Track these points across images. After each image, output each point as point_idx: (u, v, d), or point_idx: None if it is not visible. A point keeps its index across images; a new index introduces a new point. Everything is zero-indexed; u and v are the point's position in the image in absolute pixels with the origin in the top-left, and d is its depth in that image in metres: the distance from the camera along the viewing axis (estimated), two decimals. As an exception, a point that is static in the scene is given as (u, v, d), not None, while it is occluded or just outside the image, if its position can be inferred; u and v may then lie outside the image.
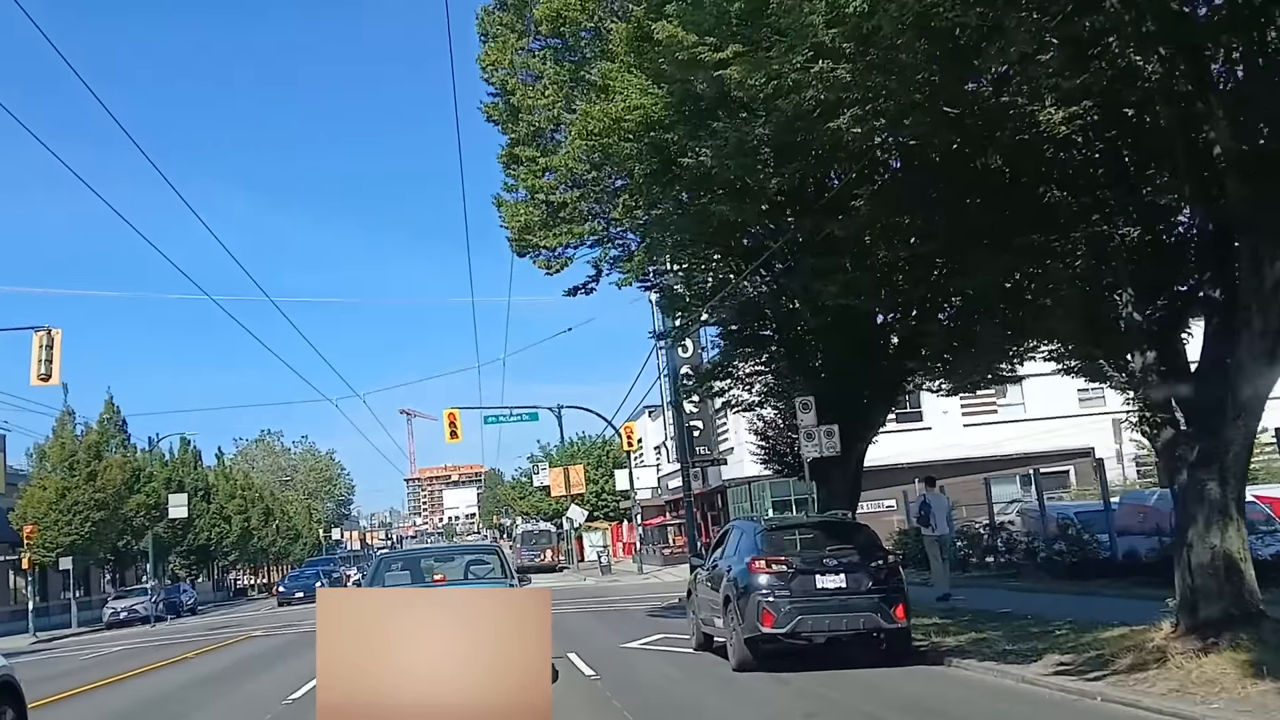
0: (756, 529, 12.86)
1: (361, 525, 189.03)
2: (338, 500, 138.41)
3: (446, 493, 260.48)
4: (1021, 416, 45.06)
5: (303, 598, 46.90)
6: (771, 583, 11.68)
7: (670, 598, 28.10)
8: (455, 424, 43.59)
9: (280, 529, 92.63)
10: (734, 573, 12.35)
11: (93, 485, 45.76)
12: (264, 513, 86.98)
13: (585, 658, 14.93)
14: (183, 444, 70.82)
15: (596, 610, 25.97)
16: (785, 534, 12.58)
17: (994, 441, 44.11)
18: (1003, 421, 44.78)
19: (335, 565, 58.99)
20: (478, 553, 16.22)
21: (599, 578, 47.56)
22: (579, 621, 22.64)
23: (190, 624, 38.80)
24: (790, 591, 11.60)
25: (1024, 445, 43.86)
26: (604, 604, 28.31)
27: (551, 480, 62.06)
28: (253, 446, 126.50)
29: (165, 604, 47.40)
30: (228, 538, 72.31)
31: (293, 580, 52.60)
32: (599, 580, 45.85)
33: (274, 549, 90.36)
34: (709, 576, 13.85)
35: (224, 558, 77.17)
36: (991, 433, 44.50)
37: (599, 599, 31.21)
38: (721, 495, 50.79)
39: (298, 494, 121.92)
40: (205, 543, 68.98)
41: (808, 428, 18.26)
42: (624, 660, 14.92)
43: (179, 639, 29.01)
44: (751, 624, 11.63)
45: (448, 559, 15.85)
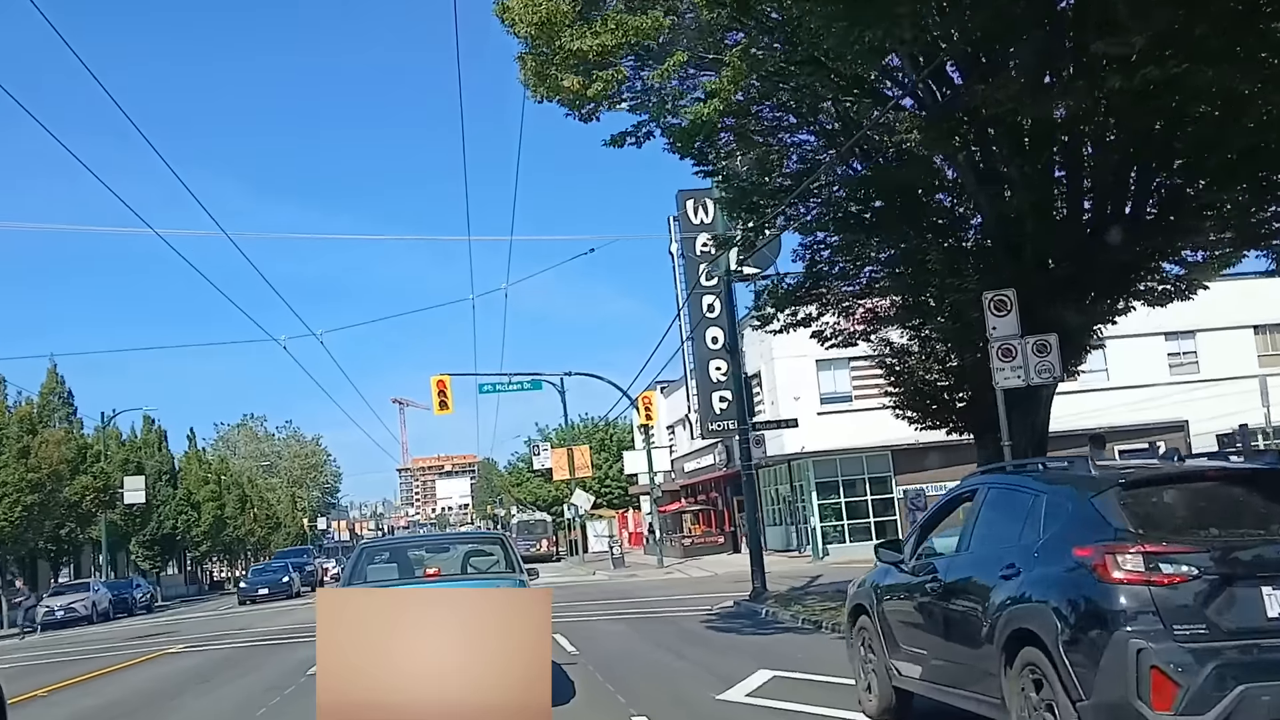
0: (1085, 485, 5.93)
1: (351, 515, 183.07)
2: (324, 488, 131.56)
3: (439, 483, 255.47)
4: (1104, 385, 38.77)
5: (267, 595, 40.44)
6: (1166, 605, 5.09)
7: (716, 597, 21.87)
8: (445, 393, 37.21)
9: (259, 518, 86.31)
10: (1031, 580, 5.83)
11: (24, 464, 39.31)
12: (240, 500, 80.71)
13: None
14: (146, 422, 64.37)
15: (630, 618, 19.65)
16: (1163, 494, 5.63)
17: (1074, 413, 37.89)
18: (1083, 390, 38.45)
19: (309, 557, 51.97)
20: (478, 542, 14.56)
21: (611, 571, 41.21)
22: (615, 639, 16.29)
23: (116, 629, 32.16)
24: (1209, 626, 5.01)
25: (1106, 418, 37.70)
26: (634, 608, 22.03)
27: (553, 462, 55.62)
28: (234, 431, 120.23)
29: (114, 601, 40.80)
30: (197, 527, 65.86)
31: (256, 575, 45.18)
32: (611, 575, 39.51)
33: (253, 539, 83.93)
34: (920, 585, 7.33)
35: (194, 549, 70.65)
36: (1070, 403, 38.16)
37: (624, 600, 24.91)
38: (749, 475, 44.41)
39: (281, 481, 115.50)
40: (170, 532, 62.51)
41: (1004, 340, 11.95)
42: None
43: (69, 656, 22.53)
44: (1117, 699, 5.08)
45: (441, 550, 14.33)
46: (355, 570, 11.67)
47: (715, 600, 22.20)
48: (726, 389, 40.51)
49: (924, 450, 37.00)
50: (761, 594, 19.34)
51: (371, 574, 11.75)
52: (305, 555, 53.39)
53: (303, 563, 49.04)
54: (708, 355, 40.35)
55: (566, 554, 72.79)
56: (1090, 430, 38.52)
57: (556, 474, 56.85)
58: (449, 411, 37.45)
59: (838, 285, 16.13)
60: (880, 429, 35.99)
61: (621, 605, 23.34)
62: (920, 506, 21.04)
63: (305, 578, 45.26)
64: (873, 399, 33.49)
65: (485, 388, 40.07)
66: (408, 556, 12.63)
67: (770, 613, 17.60)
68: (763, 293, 16.67)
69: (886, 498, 37.19)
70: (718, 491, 49.70)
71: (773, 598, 19.03)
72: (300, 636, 20.15)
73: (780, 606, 17.82)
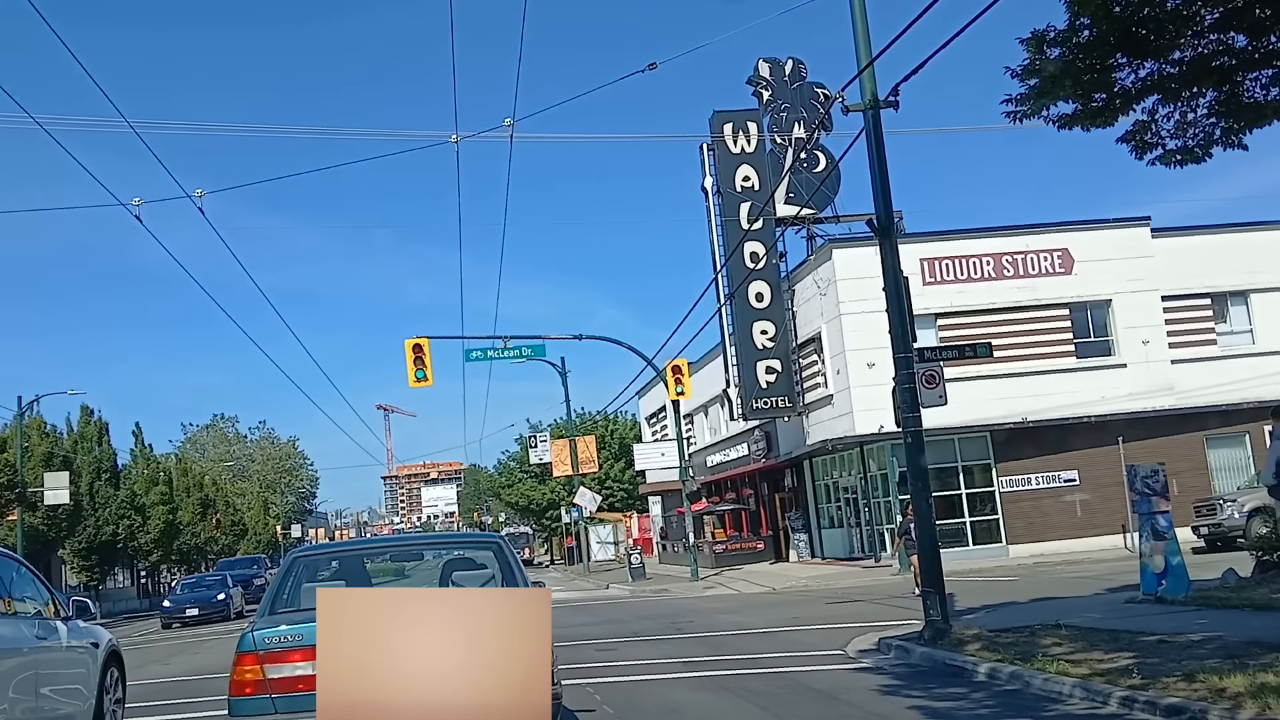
0: None
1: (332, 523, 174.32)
2: (300, 493, 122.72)
3: (425, 490, 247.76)
4: (1249, 349, 31.04)
5: (197, 616, 32.16)
6: None
7: (825, 630, 14.04)
8: (424, 357, 29.20)
9: (223, 524, 77.88)
10: None
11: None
12: (202, 504, 72.41)
13: None
14: (84, 414, 55.91)
15: (720, 677, 11.61)
16: None
17: (1211, 385, 30.17)
18: (1223, 357, 30.76)
19: (260, 569, 43.09)
20: (465, 547, 10.32)
21: (631, 585, 33.18)
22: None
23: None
24: None
25: (1255, 391, 29.96)
26: (705, 649, 14.10)
27: (553, 455, 47.55)
28: (203, 433, 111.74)
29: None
30: (144, 533, 57.52)
31: (186, 590, 35.83)
32: (634, 590, 31.49)
33: (215, 547, 75.42)
34: None
35: (144, 557, 62.21)
36: (1208, 372, 30.46)
37: (678, 634, 17.02)
38: (795, 470, 36.49)
39: (253, 485, 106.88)
40: (111, 539, 54.11)
41: None
42: None
43: None
44: None
45: (412, 558, 12.57)
46: (279, 595, 7.93)
47: (825, 634, 14.31)
48: (774, 357, 32.68)
49: (1032, 431, 29.19)
50: (945, 633, 11.35)
51: (308, 599, 7.83)
52: (255, 566, 44.46)
53: (250, 575, 40.16)
54: (751, 316, 32.45)
55: (564, 562, 64.92)
56: (1232, 405, 30.89)
57: (557, 469, 48.77)
58: (428, 384, 29.42)
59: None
60: (977, 405, 28.17)
61: (679, 642, 15.35)
62: (1157, 490, 13.05)
63: (254, 592, 36.82)
64: (966, 366, 25.64)
65: (474, 354, 31.83)
66: (363, 570, 9.72)
67: (994, 671, 9.68)
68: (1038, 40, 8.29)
69: (985, 491, 29.29)
70: (752, 488, 41.66)
71: (974, 640, 11.04)
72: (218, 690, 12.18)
73: (1005, 658, 9.89)
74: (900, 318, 12.20)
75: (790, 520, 36.46)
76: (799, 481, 36.25)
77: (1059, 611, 12.84)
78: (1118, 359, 30.00)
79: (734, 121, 32.50)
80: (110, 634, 10.55)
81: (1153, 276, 30.16)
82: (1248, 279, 31.00)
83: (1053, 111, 8.42)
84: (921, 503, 12.19)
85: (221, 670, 16.29)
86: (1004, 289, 29.90)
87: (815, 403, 31.93)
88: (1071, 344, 30.08)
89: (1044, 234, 30.36)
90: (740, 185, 32.36)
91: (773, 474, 38.72)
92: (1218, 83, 7.93)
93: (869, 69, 12.16)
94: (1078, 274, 29.97)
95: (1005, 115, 8.57)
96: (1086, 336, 30.24)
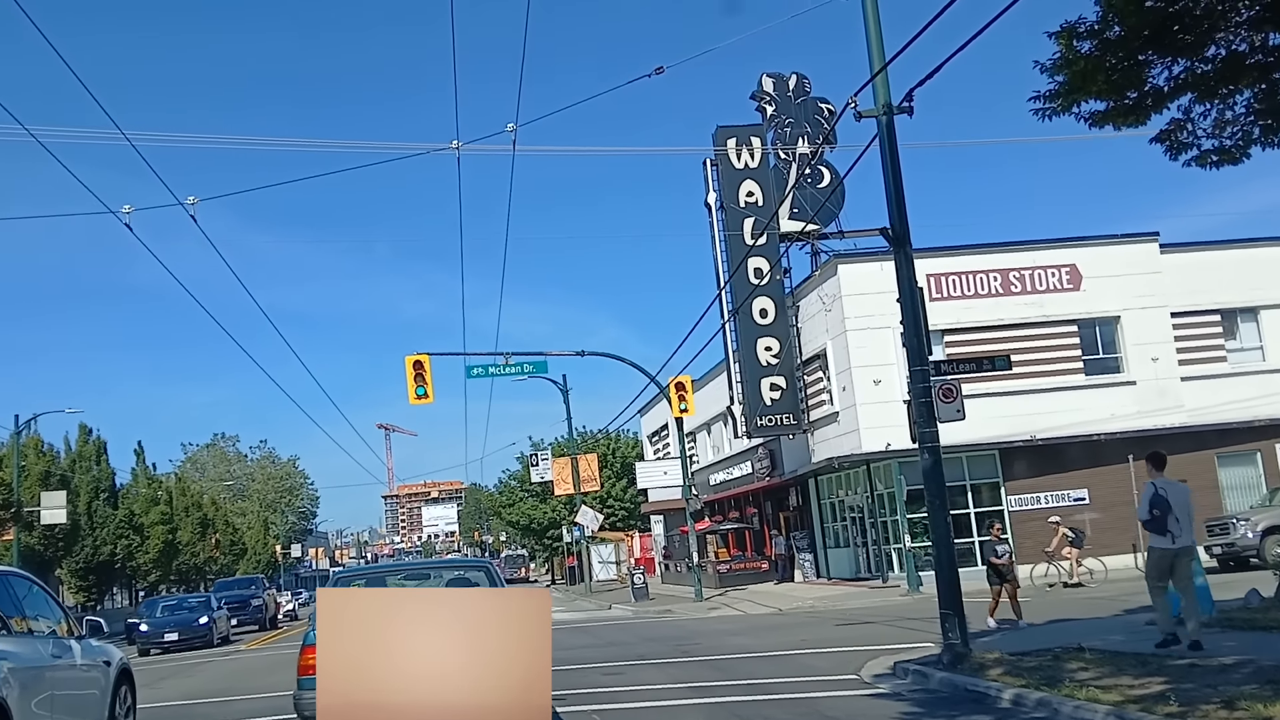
0: None
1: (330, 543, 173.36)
2: (300, 512, 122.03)
3: (425, 509, 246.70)
4: (1259, 366, 30.69)
5: (176, 641, 30.18)
6: None
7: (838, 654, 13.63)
8: (424, 374, 28.83)
9: (221, 544, 77.36)
10: None
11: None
12: (201, 524, 71.91)
13: None
14: (82, 432, 55.50)
15: (729, 704, 11.21)
16: None
17: (1221, 403, 29.78)
18: (1233, 374, 30.40)
19: (258, 589, 41.80)
20: (463, 569, 12.33)
21: (634, 605, 32.73)
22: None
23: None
24: None
25: (1266, 408, 29.67)
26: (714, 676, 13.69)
27: (555, 474, 47.14)
28: (203, 452, 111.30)
29: None
30: (142, 553, 57.05)
31: (166, 613, 32.36)
32: (637, 610, 31.04)
33: (214, 567, 74.86)
34: None
35: (142, 578, 61.68)
36: (1218, 389, 30.06)
37: (685, 658, 16.59)
38: (800, 488, 36.06)
39: (253, 504, 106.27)
40: (109, 559, 53.62)
41: None
42: None
43: None
44: None
45: (422, 576, 13.39)
46: None
47: (837, 657, 13.89)
48: (779, 374, 32.32)
49: (1042, 449, 28.78)
50: (964, 656, 10.95)
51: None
52: (254, 586, 43.36)
53: (248, 596, 39.15)
54: (755, 333, 32.12)
55: (565, 582, 64.31)
56: (1242, 423, 30.46)
57: (558, 488, 48.37)
58: (429, 400, 29.03)
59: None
60: (984, 422, 27.73)
61: (687, 666, 14.94)
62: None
63: (251, 614, 36.08)
64: (974, 383, 25.24)
65: (475, 370, 31.51)
66: (385, 585, 11.76)
67: (1019, 697, 9.29)
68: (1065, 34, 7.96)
69: (993, 510, 28.85)
70: (756, 507, 41.21)
71: (995, 664, 10.63)
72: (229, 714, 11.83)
73: (1030, 684, 9.50)
74: (916, 330, 11.86)
75: (795, 540, 35.98)
76: (804, 500, 35.82)
77: (1079, 633, 12.44)
78: (1126, 376, 29.64)
79: (737, 136, 32.26)
80: (122, 653, 10.79)
81: (1161, 292, 29.83)
82: (1257, 295, 30.67)
83: (1084, 109, 8.13)
84: (940, 521, 11.80)
85: (225, 694, 15.95)
86: (1011, 305, 29.56)
87: (820, 420, 31.56)
88: (1080, 361, 29.72)
89: (1052, 249, 30.05)
90: (744, 201, 32.09)
91: (777, 492, 38.29)
92: (1255, 80, 7.63)
93: (883, 73, 11.89)
94: (1086, 290, 29.65)
95: (1033, 113, 8.27)
96: (1095, 353, 29.89)
